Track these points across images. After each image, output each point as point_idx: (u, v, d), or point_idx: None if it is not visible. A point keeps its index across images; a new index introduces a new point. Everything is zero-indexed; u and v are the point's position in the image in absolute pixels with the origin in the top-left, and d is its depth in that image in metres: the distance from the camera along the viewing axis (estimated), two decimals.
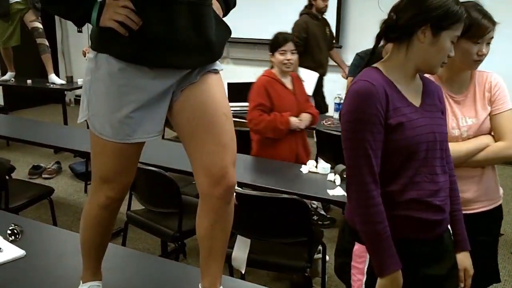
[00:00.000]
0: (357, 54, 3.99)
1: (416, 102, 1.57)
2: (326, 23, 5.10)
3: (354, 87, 1.51)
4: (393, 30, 1.53)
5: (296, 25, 4.82)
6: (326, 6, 4.95)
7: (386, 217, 1.49)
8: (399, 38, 1.54)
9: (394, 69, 1.55)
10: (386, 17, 1.56)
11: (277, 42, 3.21)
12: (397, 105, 1.50)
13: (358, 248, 1.56)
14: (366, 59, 1.66)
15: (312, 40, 4.79)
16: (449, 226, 1.65)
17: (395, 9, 1.54)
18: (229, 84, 4.38)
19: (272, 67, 3.30)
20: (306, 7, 4.97)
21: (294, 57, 3.21)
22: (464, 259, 1.67)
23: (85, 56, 5.15)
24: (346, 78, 4.18)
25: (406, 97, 1.54)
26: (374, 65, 1.59)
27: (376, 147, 1.48)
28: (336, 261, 1.71)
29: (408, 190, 1.51)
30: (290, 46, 3.18)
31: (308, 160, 3.00)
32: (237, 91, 4.55)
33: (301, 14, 4.94)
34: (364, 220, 1.50)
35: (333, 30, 6.14)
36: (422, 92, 1.60)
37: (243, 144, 1.96)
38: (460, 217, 1.68)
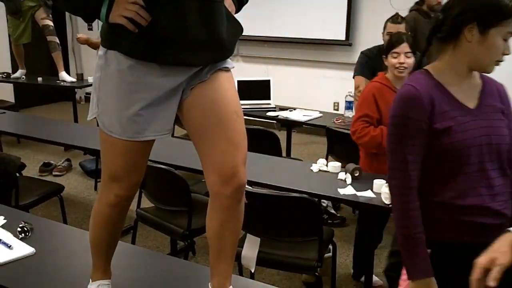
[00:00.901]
0: (362, 53, 3.92)
1: (471, 103, 1.52)
2: None
3: (400, 92, 1.51)
4: (440, 30, 1.50)
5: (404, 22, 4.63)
6: (439, 3, 4.60)
7: (441, 222, 1.48)
8: (446, 39, 1.50)
9: (444, 70, 1.52)
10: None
11: (390, 43, 2.88)
12: (444, 109, 1.47)
13: None
14: (371, 57, 1.62)
15: (421, 39, 4.31)
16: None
17: (443, 9, 1.51)
18: (239, 81, 4.36)
19: (386, 71, 2.97)
20: (416, 3, 4.70)
21: (409, 61, 2.81)
22: None
23: (77, 39, 5.17)
24: (353, 77, 4.11)
25: (457, 99, 1.50)
26: (425, 67, 1.56)
27: (417, 152, 1.47)
28: (388, 260, 1.71)
29: (464, 196, 1.48)
30: (404, 48, 2.82)
31: None
32: (247, 89, 4.54)
33: (410, 10, 4.67)
34: (400, 224, 1.50)
35: (343, 27, 6.08)
36: (480, 92, 1.55)
37: (253, 142, 1.94)
38: None
